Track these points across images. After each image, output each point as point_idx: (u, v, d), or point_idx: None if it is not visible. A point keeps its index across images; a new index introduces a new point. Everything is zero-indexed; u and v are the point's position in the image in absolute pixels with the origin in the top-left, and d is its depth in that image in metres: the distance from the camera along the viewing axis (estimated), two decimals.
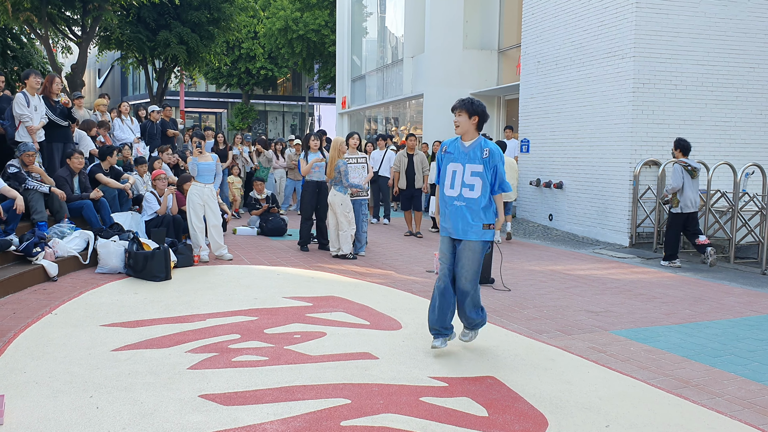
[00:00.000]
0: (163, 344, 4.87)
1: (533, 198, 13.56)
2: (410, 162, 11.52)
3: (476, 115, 4.62)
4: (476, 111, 4.62)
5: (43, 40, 18.80)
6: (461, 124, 4.65)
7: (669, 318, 6.18)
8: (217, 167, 8.61)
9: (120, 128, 11.48)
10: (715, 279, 8.28)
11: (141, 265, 7.17)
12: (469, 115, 4.62)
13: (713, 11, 11.01)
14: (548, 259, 9.52)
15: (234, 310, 5.95)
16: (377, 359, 4.66)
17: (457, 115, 4.66)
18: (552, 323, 5.87)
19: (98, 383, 4.04)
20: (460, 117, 4.65)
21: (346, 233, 8.77)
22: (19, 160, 7.87)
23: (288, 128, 43.94)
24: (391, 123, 22.66)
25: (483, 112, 4.65)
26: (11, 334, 5.00)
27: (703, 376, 4.55)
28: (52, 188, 7.78)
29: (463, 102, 4.66)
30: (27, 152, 7.89)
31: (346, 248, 8.82)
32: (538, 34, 13.38)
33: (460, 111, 4.65)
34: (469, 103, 4.63)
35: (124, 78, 43.89)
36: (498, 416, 3.74)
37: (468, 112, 4.62)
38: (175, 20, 21.69)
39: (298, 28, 28.57)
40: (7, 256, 6.77)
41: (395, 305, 6.31)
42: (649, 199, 10.90)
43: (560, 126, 12.65)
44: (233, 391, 3.96)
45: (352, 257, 8.87)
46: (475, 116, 4.62)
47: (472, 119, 4.62)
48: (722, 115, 11.29)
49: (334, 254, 8.94)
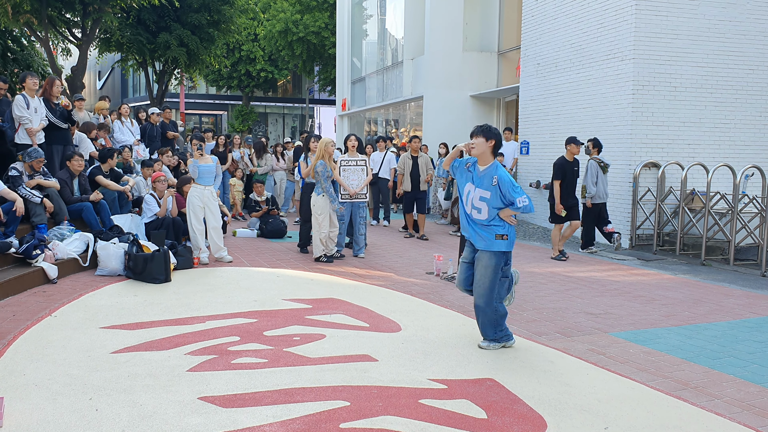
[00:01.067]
0: (163, 346, 4.87)
1: (533, 200, 13.55)
2: (414, 164, 11.46)
3: (493, 139, 4.87)
4: (492, 135, 4.88)
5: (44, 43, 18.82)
6: (477, 146, 4.88)
7: (668, 320, 6.19)
8: (217, 169, 8.62)
9: (120, 130, 11.49)
10: (714, 281, 8.28)
11: (141, 267, 7.18)
12: (486, 139, 4.87)
13: (712, 13, 11.02)
14: (548, 261, 9.52)
15: (233, 312, 5.95)
16: (377, 361, 4.66)
17: (474, 139, 4.90)
18: (551, 325, 5.88)
19: (97, 385, 4.04)
20: (477, 140, 4.88)
21: (317, 236, 8.68)
22: (23, 165, 7.87)
23: (288, 130, 43.96)
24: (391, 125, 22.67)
25: (499, 136, 4.92)
26: (11, 337, 5.01)
27: (702, 378, 4.55)
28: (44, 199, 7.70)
29: (480, 128, 4.93)
30: (38, 159, 7.88)
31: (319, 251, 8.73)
32: (538, 36, 13.39)
33: (477, 135, 4.89)
34: (487, 129, 4.90)
35: (124, 80, 43.92)
36: (497, 418, 3.74)
37: (485, 136, 4.87)
38: (175, 22, 21.70)
39: (298, 31, 28.60)
40: (6, 259, 6.77)
41: (395, 307, 6.31)
42: (648, 200, 10.90)
43: (560, 128, 12.65)
44: (232, 393, 3.97)
45: (326, 260, 8.72)
46: (492, 140, 4.87)
47: (488, 143, 4.87)
48: (722, 117, 11.30)
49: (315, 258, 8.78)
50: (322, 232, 8.66)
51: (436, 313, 6.22)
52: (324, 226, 8.65)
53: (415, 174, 11.41)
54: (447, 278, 7.86)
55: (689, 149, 11.17)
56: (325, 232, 8.68)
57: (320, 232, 8.65)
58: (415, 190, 11.44)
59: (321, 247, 8.70)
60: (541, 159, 13.23)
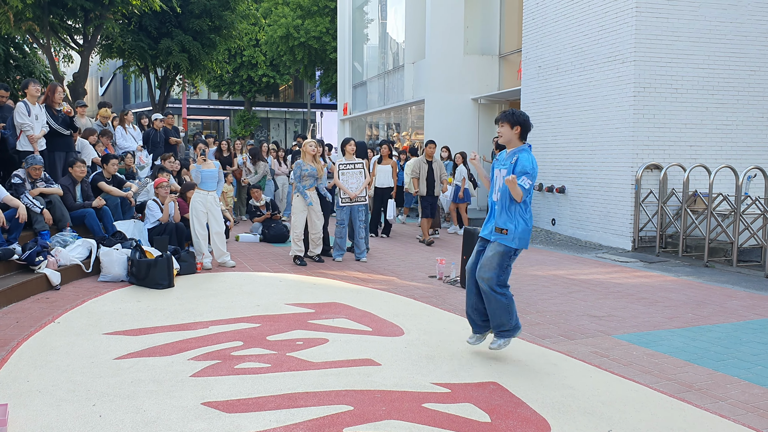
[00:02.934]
0: (166, 352, 4.87)
1: (535, 203, 13.55)
2: (429, 169, 11.41)
3: (518, 125, 4.80)
4: (518, 121, 4.80)
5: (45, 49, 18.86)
6: (504, 134, 4.85)
7: (671, 322, 6.18)
8: (219, 174, 8.63)
9: (123, 137, 11.51)
10: (717, 283, 8.27)
11: (144, 272, 7.18)
12: (511, 126, 4.81)
13: (713, 15, 11.02)
14: (551, 263, 9.52)
15: (237, 317, 5.96)
16: (380, 365, 4.66)
17: (500, 126, 4.87)
18: (554, 328, 5.87)
19: (101, 391, 4.04)
20: (502, 128, 4.85)
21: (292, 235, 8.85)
22: (25, 172, 7.90)
23: (291, 135, 44.02)
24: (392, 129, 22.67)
25: (525, 121, 4.82)
26: (14, 343, 5.01)
27: (705, 380, 4.54)
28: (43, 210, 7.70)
29: (504, 114, 4.87)
30: (35, 166, 7.91)
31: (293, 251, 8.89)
32: (539, 39, 13.40)
33: (502, 122, 4.85)
34: (510, 114, 4.84)
35: (126, 86, 44.02)
36: (501, 422, 3.74)
37: (510, 122, 4.81)
38: (177, 28, 21.73)
39: (299, 36, 28.65)
40: (9, 265, 6.79)
41: (397, 311, 6.31)
42: (651, 203, 10.89)
43: (562, 131, 12.65)
44: (236, 399, 3.97)
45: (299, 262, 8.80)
46: (518, 126, 4.80)
47: (514, 129, 4.80)
48: (723, 119, 11.29)
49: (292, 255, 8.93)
50: (296, 233, 8.76)
51: (439, 316, 6.21)
52: (297, 227, 8.74)
53: (430, 178, 11.37)
54: (450, 282, 7.86)
55: (691, 151, 11.17)
56: (298, 232, 8.76)
57: (294, 231, 8.77)
58: (431, 195, 11.38)
59: (295, 247, 8.81)
60: (543, 162, 13.22)
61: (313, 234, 8.95)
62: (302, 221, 8.76)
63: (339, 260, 9.21)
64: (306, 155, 8.82)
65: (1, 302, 6.07)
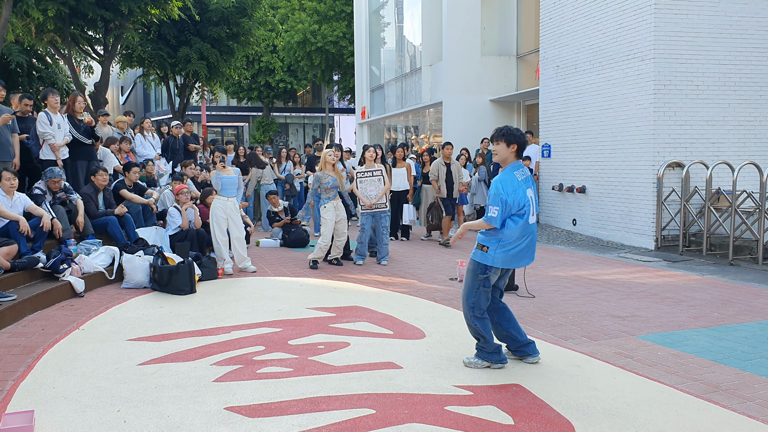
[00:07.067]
0: (189, 357, 4.90)
1: (556, 203, 13.47)
2: (448, 171, 11.46)
3: (515, 143, 4.61)
4: (516, 140, 4.60)
5: (67, 60, 19.12)
6: (499, 152, 4.65)
7: (697, 321, 6.09)
8: (239, 181, 8.68)
9: (141, 144, 11.63)
10: (743, 281, 8.14)
11: (166, 279, 7.24)
12: (508, 144, 4.62)
13: (733, 9, 10.88)
14: (572, 264, 9.44)
15: (258, 321, 5.98)
16: (401, 369, 4.65)
17: (496, 144, 4.67)
18: (577, 329, 5.82)
19: (125, 397, 4.08)
20: (498, 146, 4.64)
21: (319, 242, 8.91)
22: (44, 184, 8.00)
23: (309, 140, 44.18)
24: (410, 132, 22.67)
25: (521, 139, 4.62)
26: (40, 350, 5.08)
27: (733, 380, 4.47)
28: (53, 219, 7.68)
29: (500, 131, 4.67)
30: (53, 179, 8.01)
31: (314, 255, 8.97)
32: (557, 39, 13.32)
33: (498, 140, 4.65)
34: (507, 132, 4.63)
35: (147, 95, 44.47)
36: (524, 424, 3.71)
37: (507, 141, 4.62)
38: (195, 36, 21.93)
39: (316, 41, 28.76)
40: (35, 273, 6.88)
41: (418, 314, 6.30)
42: (673, 201, 10.76)
43: (581, 130, 12.56)
44: (258, 403, 3.98)
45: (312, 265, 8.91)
46: (514, 144, 4.61)
47: (510, 147, 4.62)
48: (746, 115, 11.14)
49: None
50: (325, 242, 8.83)
51: (460, 319, 6.17)
52: (327, 236, 8.80)
53: (449, 180, 11.41)
54: None
55: (713, 148, 11.03)
56: (327, 241, 8.84)
57: (323, 240, 8.83)
58: (450, 197, 11.44)
59: (319, 253, 8.88)
60: (563, 162, 13.14)
61: (338, 240, 8.97)
62: (332, 231, 8.81)
63: (360, 264, 9.22)
64: (326, 165, 8.82)
65: (27, 310, 6.15)
